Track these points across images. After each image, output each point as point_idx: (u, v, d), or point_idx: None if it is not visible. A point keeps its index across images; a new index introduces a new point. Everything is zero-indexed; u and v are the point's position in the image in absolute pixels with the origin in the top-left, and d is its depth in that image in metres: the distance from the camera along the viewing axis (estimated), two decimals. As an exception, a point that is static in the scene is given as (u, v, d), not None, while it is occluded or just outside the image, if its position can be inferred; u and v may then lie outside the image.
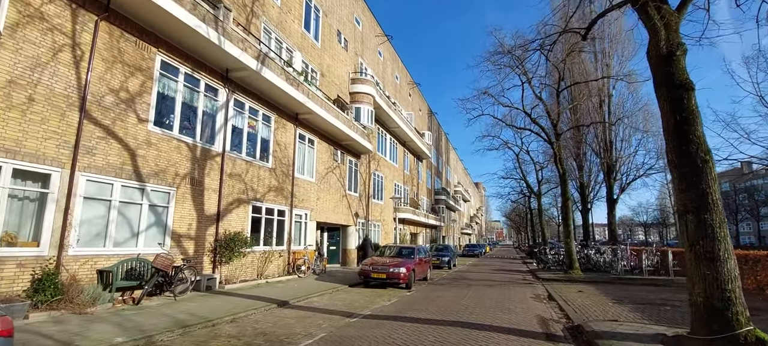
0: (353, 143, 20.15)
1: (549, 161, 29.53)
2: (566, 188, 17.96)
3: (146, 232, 9.47)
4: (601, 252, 19.50)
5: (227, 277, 11.70)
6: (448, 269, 21.88)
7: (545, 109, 18.58)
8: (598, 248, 20.63)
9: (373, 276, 12.52)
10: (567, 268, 17.88)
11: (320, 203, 17.70)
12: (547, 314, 8.95)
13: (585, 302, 10.36)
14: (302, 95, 14.55)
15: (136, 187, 9.25)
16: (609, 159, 30.25)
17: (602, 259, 19.34)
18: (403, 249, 14.91)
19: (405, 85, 33.18)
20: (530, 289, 13.61)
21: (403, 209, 28.76)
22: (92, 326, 6.29)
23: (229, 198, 12.08)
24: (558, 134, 18.11)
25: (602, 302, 10.22)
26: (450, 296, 11.32)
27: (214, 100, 11.82)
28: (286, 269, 14.76)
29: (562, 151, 18.28)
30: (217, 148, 11.72)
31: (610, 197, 30.45)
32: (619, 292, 12.28)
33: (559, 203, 58.27)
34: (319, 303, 9.68)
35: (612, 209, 30.17)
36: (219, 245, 11.33)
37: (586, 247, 21.90)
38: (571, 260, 17.59)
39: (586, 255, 19.93)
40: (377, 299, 10.66)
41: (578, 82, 21.11)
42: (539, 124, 18.72)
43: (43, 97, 7.45)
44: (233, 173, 12.33)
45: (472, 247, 41.77)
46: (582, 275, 17.21)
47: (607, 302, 10.36)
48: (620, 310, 9.06)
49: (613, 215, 30.28)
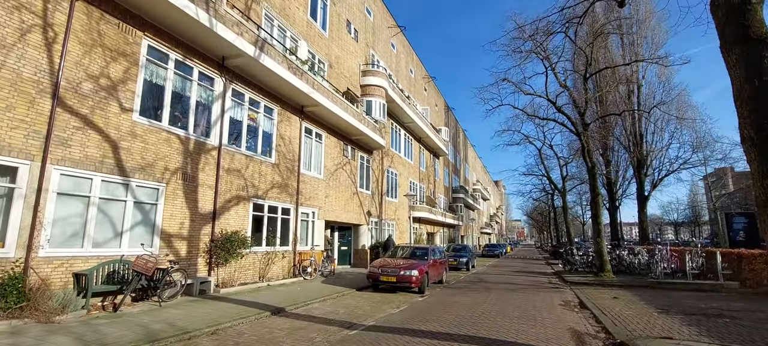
0: (364, 138, 19.14)
1: (574, 155, 27.78)
2: (595, 183, 16.43)
3: (131, 231, 8.69)
4: (636, 253, 17.85)
5: (224, 280, 10.86)
6: (466, 270, 20.59)
7: (571, 97, 17.08)
8: (631, 248, 18.95)
9: (382, 279, 11.45)
10: (597, 270, 16.36)
11: (329, 201, 16.77)
12: (581, 326, 7.68)
13: (624, 311, 9.00)
14: (306, 85, 13.61)
15: (120, 182, 8.47)
16: (639, 153, 28.24)
17: (637, 260, 17.69)
18: (416, 250, 13.79)
19: (420, 80, 31.98)
20: (558, 294, 12.27)
21: (418, 207, 27.59)
22: (48, 338, 5.46)
23: (226, 195, 11.25)
24: (586, 124, 16.60)
25: (645, 312, 8.85)
26: (467, 303, 10.15)
27: (210, 89, 11.00)
28: (291, 270, 13.86)
29: (590, 143, 16.75)
30: (213, 141, 10.89)
31: (641, 194, 28.45)
32: (662, 299, 10.83)
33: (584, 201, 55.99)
34: (319, 310, 8.69)
35: (643, 207, 28.17)
36: (215, 246, 10.50)
37: (619, 247, 20.22)
38: (601, 261, 16.06)
39: (618, 256, 18.29)
40: (385, 305, 9.59)
41: (607, 66, 19.40)
42: (565, 113, 17.22)
43: (7, 83, 6.71)
44: (231, 168, 11.50)
45: (492, 247, 40.17)
46: (614, 278, 15.68)
47: (651, 311, 8.97)
48: (670, 322, 7.70)
49: (644, 213, 28.28)
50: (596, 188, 16.41)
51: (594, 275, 16.45)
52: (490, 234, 72.33)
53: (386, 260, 12.80)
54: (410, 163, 28.09)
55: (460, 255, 21.06)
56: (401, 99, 23.51)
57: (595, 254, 16.73)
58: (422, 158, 31.31)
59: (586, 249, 21.48)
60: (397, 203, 25.06)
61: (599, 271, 16.20)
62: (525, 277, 18.04)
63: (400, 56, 27.57)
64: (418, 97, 30.93)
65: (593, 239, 16.67)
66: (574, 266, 19.51)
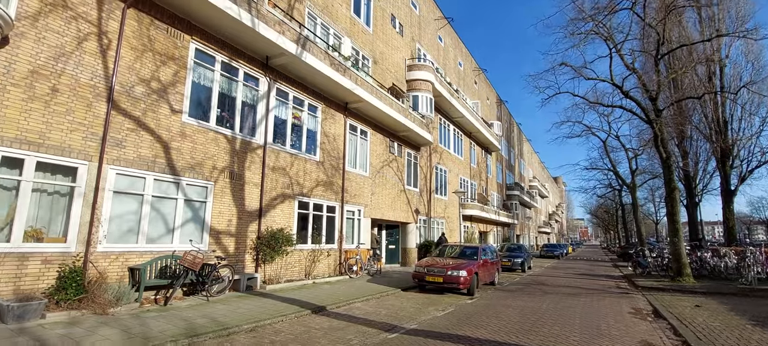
0: (411, 134, 18.69)
1: (645, 146, 25.12)
2: (671, 176, 14.55)
3: (182, 228, 9.01)
4: (722, 255, 15.62)
5: (270, 277, 10.99)
6: (522, 272, 19.37)
7: (640, 81, 15.29)
8: (716, 249, 16.64)
9: (428, 280, 10.95)
10: (674, 274, 14.50)
11: (375, 199, 16.54)
12: (657, 339, 6.65)
13: (709, 322, 7.72)
14: (349, 82, 13.46)
15: (171, 181, 8.81)
16: (723, 142, 24.80)
17: (723, 263, 15.49)
18: (466, 249, 13.08)
19: (469, 72, 30.83)
20: (627, 300, 10.97)
21: (469, 205, 26.58)
22: (98, 330, 5.68)
23: (272, 193, 11.39)
24: (659, 110, 14.75)
25: (736, 324, 7.52)
26: (520, 308, 9.34)
27: (255, 89, 11.19)
28: (337, 269, 13.81)
29: (664, 131, 14.89)
30: (258, 140, 11.07)
31: (726, 188, 25.00)
32: (756, 308, 9.22)
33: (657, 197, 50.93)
34: (360, 310, 8.41)
35: (728, 203, 24.73)
36: (261, 243, 10.65)
37: (700, 248, 17.89)
38: (679, 264, 14.21)
39: (699, 259, 16.14)
40: (429, 307, 9.10)
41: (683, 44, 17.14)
42: (633, 98, 15.44)
43: (67, 88, 7.17)
44: (276, 166, 11.63)
45: (551, 247, 37.78)
46: (695, 283, 13.79)
47: (744, 323, 7.61)
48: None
49: (730, 210, 24.82)
50: (672, 181, 14.55)
51: (670, 280, 14.61)
52: (549, 234, 68.39)
53: (433, 259, 12.27)
54: (460, 160, 27.14)
55: (514, 255, 19.87)
56: (449, 93, 22.72)
57: (672, 256, 14.86)
58: (473, 154, 30.16)
59: (660, 250, 19.29)
60: (447, 200, 24.30)
61: (676, 275, 14.36)
62: (588, 280, 16.53)
63: (448, 49, 26.72)
64: (467, 91, 29.83)
65: (669, 239, 14.82)
66: (646, 269, 17.55)
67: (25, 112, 6.63)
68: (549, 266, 24.77)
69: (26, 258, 6.54)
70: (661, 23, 14.75)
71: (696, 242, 22.76)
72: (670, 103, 16.70)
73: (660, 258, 17.56)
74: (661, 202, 53.35)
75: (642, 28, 15.92)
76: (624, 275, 19.02)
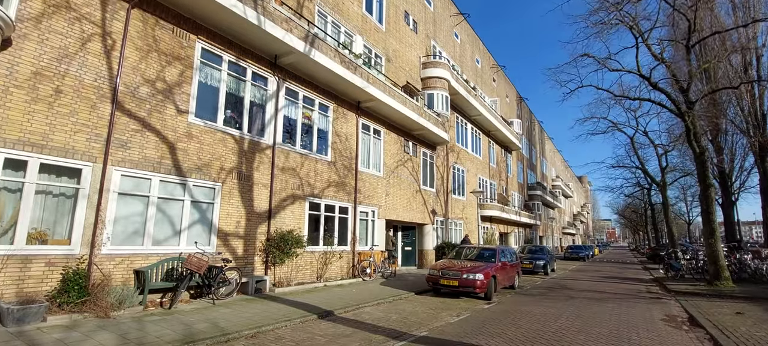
0: (426, 133, 18.22)
1: (676, 142, 23.77)
2: (706, 172, 13.53)
3: (189, 230, 8.87)
4: (764, 257, 14.46)
5: (280, 279, 10.76)
6: (544, 274, 18.55)
7: (669, 71, 14.33)
8: (757, 251, 15.45)
9: (442, 283, 10.48)
10: (711, 278, 13.48)
11: (390, 200, 16.15)
12: (693, 350, 5.99)
13: (754, 332, 6.97)
14: (361, 80, 13.14)
15: (177, 182, 8.69)
16: (762, 137, 23.18)
17: (765, 266, 14.33)
18: (484, 251, 12.51)
19: (487, 70, 30.07)
20: (659, 307, 10.18)
21: (488, 205, 25.84)
22: (94, 335, 5.51)
23: (281, 194, 11.18)
24: (691, 102, 13.78)
25: (786, 335, 6.74)
26: (540, 314, 8.75)
27: (263, 89, 11.01)
28: (350, 271, 13.48)
29: (697, 124, 13.89)
30: (267, 140, 10.88)
31: (766, 186, 23.33)
32: (810, 317, 8.32)
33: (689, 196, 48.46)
34: (369, 315, 8.03)
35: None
36: (270, 245, 10.43)
37: (739, 250, 16.68)
38: (717, 266, 13.20)
39: (739, 261, 15.01)
40: (443, 312, 8.63)
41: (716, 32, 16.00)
42: (663, 90, 14.46)
43: (71, 89, 7.11)
44: (286, 166, 11.41)
45: (576, 249, 36.41)
46: (735, 287, 12.78)
47: (796, 334, 6.82)
48: (829, 353, 5.67)
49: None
50: (707, 178, 13.54)
51: (706, 284, 13.60)
52: (574, 235, 66.24)
53: (448, 261, 11.78)
54: (479, 159, 26.43)
55: (536, 257, 19.05)
56: (466, 90, 22.12)
57: (708, 258, 13.84)
58: (492, 153, 29.37)
59: (694, 252, 18.14)
60: (465, 201, 23.66)
61: (713, 278, 13.34)
62: (616, 284, 15.63)
63: (465, 46, 26.09)
64: (485, 88, 29.09)
65: (704, 240, 13.82)
66: (679, 272, 16.48)
67: (29, 114, 6.59)
68: (573, 269, 23.75)
69: (30, 260, 6.47)
70: (691, 9, 13.79)
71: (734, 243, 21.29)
72: (703, 95, 15.58)
73: (694, 260, 16.46)
74: (694, 201, 50.71)
75: (670, 15, 14.95)
76: (655, 278, 17.94)
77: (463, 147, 23.98)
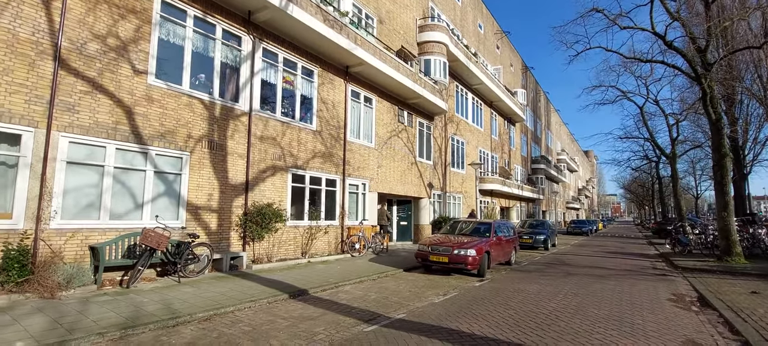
0: (421, 101, 17.21)
1: (689, 110, 22.49)
2: (722, 140, 12.49)
3: (153, 203, 8.17)
4: (779, 231, 13.60)
5: (260, 255, 10.13)
6: (544, 249, 17.86)
7: (686, 30, 13.08)
8: (773, 225, 14.57)
9: (432, 260, 9.78)
10: (721, 253, 12.68)
11: (382, 172, 15.36)
12: (707, 338, 5.24)
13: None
14: (347, 41, 12.11)
15: (137, 150, 7.92)
16: (782, 105, 21.83)
17: (780, 241, 13.49)
18: (480, 225, 11.74)
19: (491, 36, 28.58)
20: (665, 285, 9.44)
21: (489, 178, 24.99)
22: (26, 319, 4.87)
23: (260, 165, 10.40)
24: (708, 64, 12.60)
25: (811, 318, 5.97)
26: (535, 293, 8.04)
27: (237, 49, 10.07)
28: (337, 246, 12.85)
29: (714, 88, 12.74)
30: (242, 106, 10.02)
31: (783, 158, 22.19)
32: (833, 297, 7.53)
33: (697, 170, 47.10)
34: (347, 295, 7.37)
35: (787, 174, 21.98)
36: (247, 219, 9.74)
37: (753, 223, 15.80)
38: (728, 242, 12.37)
39: (752, 236, 14.18)
40: (429, 291, 7.95)
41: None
42: (679, 50, 13.23)
43: (3, 44, 6.25)
44: (265, 135, 10.59)
45: (579, 223, 35.67)
46: (747, 263, 11.99)
47: (821, 317, 6.05)
48: None
49: (788, 182, 22.08)
50: (722, 147, 12.51)
51: (716, 260, 12.82)
52: (579, 210, 65.43)
53: (439, 236, 11.06)
54: (480, 131, 25.40)
55: (536, 232, 18.30)
56: (466, 57, 20.89)
57: (719, 233, 13.00)
58: (494, 125, 28.27)
59: (703, 226, 17.29)
60: (464, 174, 22.81)
61: (724, 254, 12.54)
62: (619, 259, 14.91)
63: (467, 9, 24.61)
64: (488, 56, 27.71)
65: (717, 213, 12.94)
66: (687, 248, 15.69)
67: (-50, 71, 5.78)
68: (576, 244, 23.06)
69: (-40, 236, 5.81)
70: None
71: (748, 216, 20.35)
72: (723, 56, 14.31)
73: (703, 235, 15.64)
74: (703, 174, 49.37)
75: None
76: (661, 253, 17.19)
77: (462, 118, 22.93)
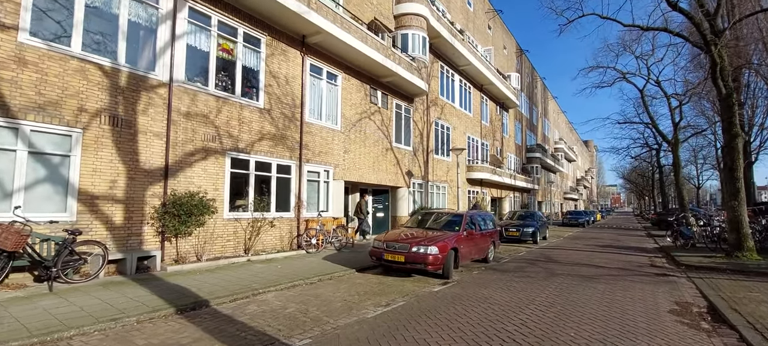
0: (398, 80, 15.49)
1: (693, 90, 20.71)
2: (733, 119, 10.81)
3: (30, 191, 6.54)
4: (796, 223, 11.97)
5: (185, 254, 8.53)
6: (532, 243, 16.22)
7: (693, -9, 11.35)
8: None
9: (386, 259, 8.16)
10: (731, 248, 11.08)
11: (350, 158, 13.70)
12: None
13: (814, 336, 4.59)
14: (296, 2, 10.38)
15: (3, 125, 6.27)
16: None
17: (796, 234, 11.87)
18: (454, 217, 10.05)
19: (481, 14, 26.70)
20: (667, 288, 7.82)
21: (478, 167, 23.34)
22: None
23: (185, 146, 8.75)
24: (719, 31, 10.89)
25: None
26: (503, 303, 6.43)
27: (153, 7, 8.36)
28: (293, 242, 11.25)
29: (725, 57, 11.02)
30: (160, 76, 8.34)
31: (795, 144, 20.51)
32: None
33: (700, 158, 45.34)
34: (257, 308, 5.76)
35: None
36: (165, 212, 8.11)
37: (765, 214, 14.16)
38: (739, 235, 10.75)
39: (764, 228, 12.54)
40: (369, 300, 6.34)
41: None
42: (685, 11, 11.42)
43: None
44: (193, 112, 8.92)
45: (575, 214, 34.09)
46: (761, 259, 10.39)
47: None
48: None
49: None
50: (733, 126, 10.83)
51: (725, 256, 11.22)
52: (577, 200, 63.85)
53: (400, 231, 9.43)
54: (468, 116, 23.67)
55: (524, 224, 16.63)
56: (450, 33, 19.10)
57: (728, 224, 11.38)
58: (485, 110, 26.53)
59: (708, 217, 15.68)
60: (450, 162, 21.14)
61: (734, 249, 10.94)
62: (614, 255, 13.30)
63: (453, -15, 22.73)
64: (478, 36, 25.88)
65: (725, 203, 11.30)
66: (690, 241, 14.08)
67: None
68: (569, 237, 21.46)
69: None
70: None
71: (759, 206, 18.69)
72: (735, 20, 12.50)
73: (708, 226, 14.01)
74: (705, 163, 47.72)
75: None
76: (660, 247, 15.60)
77: (448, 101, 21.19)
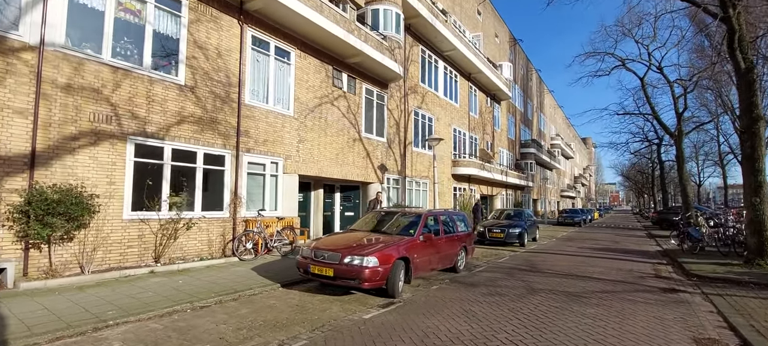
0: (365, 61, 13.61)
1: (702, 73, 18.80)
2: (754, 98, 8.90)
3: None
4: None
5: (64, 263, 6.66)
6: (519, 246, 14.34)
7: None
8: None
9: (314, 273, 6.29)
10: (752, 254, 9.24)
11: (306, 148, 11.83)
12: None
13: None
14: (223, -45, 8.49)
15: None
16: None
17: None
18: (414, 219, 8.12)
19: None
20: (677, 313, 5.97)
21: (464, 161, 21.48)
22: None
23: (66, 128, 6.87)
24: None
25: None
26: (449, 339, 4.57)
27: (15, -53, 6.46)
28: (223, 247, 9.38)
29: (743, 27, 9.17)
30: (25, 37, 6.46)
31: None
32: None
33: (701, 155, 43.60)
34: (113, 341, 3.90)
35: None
36: (24, 211, 6.24)
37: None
38: (761, 238, 8.92)
39: (787, 229, 10.68)
40: (259, 337, 4.48)
41: None
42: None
43: None
44: (77, 84, 7.04)
45: (571, 213, 32.24)
46: (787, 269, 8.55)
47: None
48: None
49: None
50: (755, 106, 8.95)
51: (744, 263, 9.39)
52: (575, 198, 62.02)
53: (336, 237, 7.55)
54: (454, 106, 21.78)
55: (510, 225, 14.70)
56: (430, 12, 17.21)
57: (747, 225, 9.55)
58: (474, 101, 24.64)
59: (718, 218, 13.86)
60: (432, 156, 19.25)
61: (754, 255, 9.11)
62: (611, 261, 11.46)
63: (437, -37, 20.81)
64: (466, 21, 23.99)
65: (745, 199, 9.47)
66: (699, 244, 12.23)
67: None
68: (562, 237, 19.61)
69: None
70: None
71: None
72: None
73: (720, 227, 12.18)
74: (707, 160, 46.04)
75: None
76: (664, 250, 13.77)
77: (430, 89, 19.30)
